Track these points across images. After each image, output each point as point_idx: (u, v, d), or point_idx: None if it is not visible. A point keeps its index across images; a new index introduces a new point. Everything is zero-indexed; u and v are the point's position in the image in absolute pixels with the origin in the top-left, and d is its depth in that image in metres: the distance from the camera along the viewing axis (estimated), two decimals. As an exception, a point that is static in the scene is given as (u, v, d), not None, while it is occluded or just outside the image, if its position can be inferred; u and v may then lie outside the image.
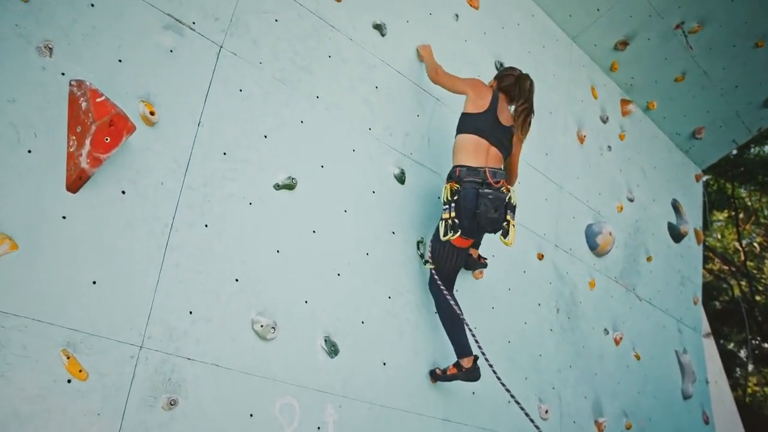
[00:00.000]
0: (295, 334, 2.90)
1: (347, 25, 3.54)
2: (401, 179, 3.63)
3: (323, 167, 3.25)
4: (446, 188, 3.31)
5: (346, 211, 3.30)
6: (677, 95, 6.25)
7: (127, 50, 2.59)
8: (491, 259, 4.02)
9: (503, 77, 3.60)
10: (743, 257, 13.41)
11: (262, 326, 2.75)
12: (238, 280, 2.75)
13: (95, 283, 2.32)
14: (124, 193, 2.47)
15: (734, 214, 12.98)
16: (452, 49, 4.16)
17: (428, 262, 3.40)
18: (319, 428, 2.87)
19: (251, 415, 2.65)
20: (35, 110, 2.30)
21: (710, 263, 13.58)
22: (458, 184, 3.26)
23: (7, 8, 2.30)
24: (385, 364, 3.25)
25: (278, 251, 2.94)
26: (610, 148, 5.65)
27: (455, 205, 3.22)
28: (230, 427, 2.58)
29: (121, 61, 2.57)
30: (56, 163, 2.31)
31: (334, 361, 3.02)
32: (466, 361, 3.29)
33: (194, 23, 2.85)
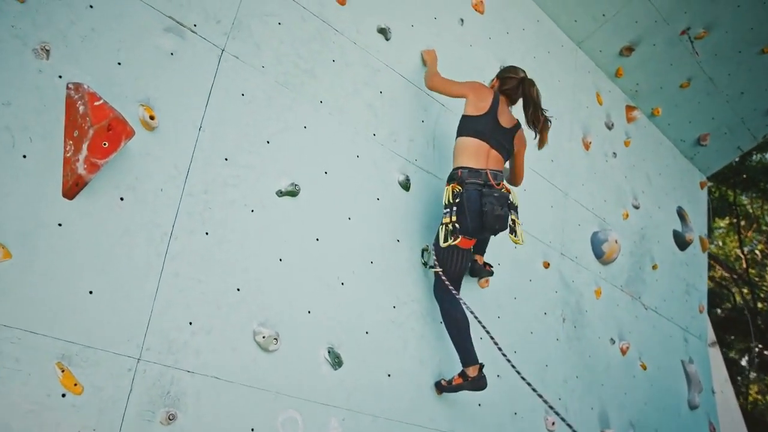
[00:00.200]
0: (297, 345, 2.82)
1: (351, 28, 3.48)
2: (406, 186, 3.57)
3: (327, 173, 3.18)
4: (448, 190, 3.25)
5: (350, 218, 3.23)
6: (682, 101, 6.20)
7: (126, 53, 2.54)
8: (496, 267, 3.95)
9: (505, 79, 3.53)
10: (745, 265, 13.34)
11: (264, 337, 2.67)
12: (239, 289, 2.68)
13: (92, 293, 2.25)
14: (122, 199, 2.41)
15: (736, 221, 12.91)
16: (457, 53, 4.11)
17: (434, 266, 3.33)
18: (322, 442, 2.80)
19: (252, 429, 2.57)
20: (31, 114, 2.24)
21: (712, 270, 13.50)
22: (460, 185, 3.22)
23: (2, 9, 2.24)
24: (389, 375, 3.17)
25: (281, 259, 2.87)
26: (615, 154, 5.59)
27: (458, 208, 3.17)
28: (231, 442, 2.50)
29: (120, 63, 2.51)
30: (52, 168, 2.25)
31: (337, 372, 2.94)
32: (471, 369, 3.22)
33: (195, 26, 2.79)
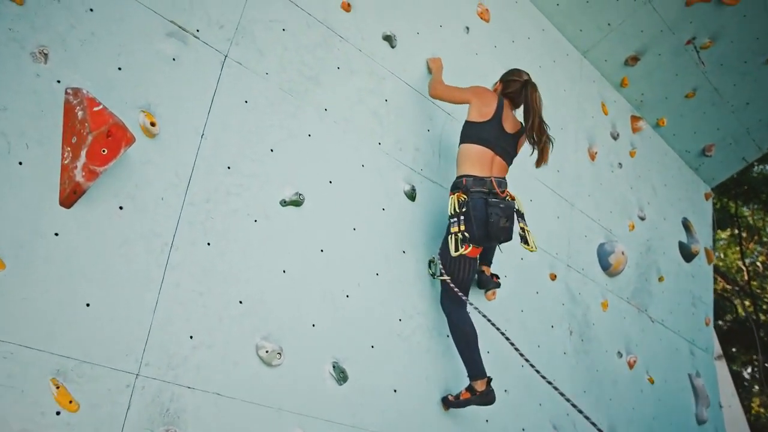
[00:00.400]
0: (301, 359, 2.73)
1: (356, 35, 3.42)
2: (412, 196, 3.49)
3: (331, 183, 3.11)
4: (453, 199, 3.20)
5: (355, 229, 3.15)
6: (687, 112, 6.16)
7: (127, 58, 2.47)
8: (503, 279, 3.87)
9: (509, 82, 3.45)
10: (747, 276, 13.26)
11: (267, 351, 2.58)
12: (241, 302, 2.60)
13: (89, 305, 2.17)
14: (121, 208, 2.33)
15: (737, 232, 12.85)
16: (462, 62, 4.05)
17: (441, 275, 3.24)
18: (326, 461, 2.70)
19: (255, 447, 2.48)
20: (28, 119, 2.17)
21: (714, 283, 13.39)
22: (465, 194, 3.17)
23: (0, 11, 2.17)
24: (395, 391, 3.08)
25: (284, 271, 2.78)
26: (621, 165, 5.53)
27: (464, 217, 3.12)
28: (232, 461, 2.40)
29: (120, 68, 2.44)
30: (49, 175, 2.17)
31: (342, 388, 2.84)
32: (479, 383, 3.14)
33: (198, 31, 2.72)
